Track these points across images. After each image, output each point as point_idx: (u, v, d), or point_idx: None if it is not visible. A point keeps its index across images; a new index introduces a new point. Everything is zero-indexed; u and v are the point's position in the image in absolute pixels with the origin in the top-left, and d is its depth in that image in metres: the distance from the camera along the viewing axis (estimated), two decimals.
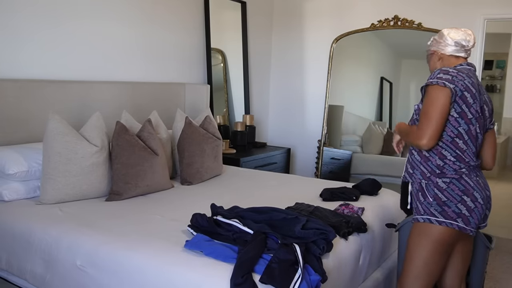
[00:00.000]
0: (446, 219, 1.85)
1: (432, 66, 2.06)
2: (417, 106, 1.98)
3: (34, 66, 2.76)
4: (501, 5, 3.84)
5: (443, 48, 2.00)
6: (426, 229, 1.89)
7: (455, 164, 1.86)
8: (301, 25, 4.78)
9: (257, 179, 3.13)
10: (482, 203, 1.88)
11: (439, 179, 1.87)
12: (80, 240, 1.92)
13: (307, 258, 1.70)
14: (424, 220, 1.89)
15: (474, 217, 1.86)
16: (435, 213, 1.86)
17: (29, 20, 2.71)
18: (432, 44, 2.05)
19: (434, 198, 1.87)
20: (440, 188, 1.86)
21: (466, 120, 1.84)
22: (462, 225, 1.85)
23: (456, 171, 1.86)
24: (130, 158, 2.52)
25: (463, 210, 1.84)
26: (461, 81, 1.83)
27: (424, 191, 1.91)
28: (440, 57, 2.02)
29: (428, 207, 1.88)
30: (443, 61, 2.01)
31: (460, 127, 1.85)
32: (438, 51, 2.02)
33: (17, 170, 2.35)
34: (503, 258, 3.54)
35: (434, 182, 1.88)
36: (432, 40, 2.06)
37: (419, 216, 1.92)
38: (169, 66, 3.74)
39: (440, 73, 1.85)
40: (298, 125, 4.81)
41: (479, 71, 4.00)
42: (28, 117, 2.65)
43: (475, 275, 2.21)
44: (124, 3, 3.28)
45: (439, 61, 2.02)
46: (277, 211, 2.03)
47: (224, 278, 1.55)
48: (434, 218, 1.86)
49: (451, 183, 1.86)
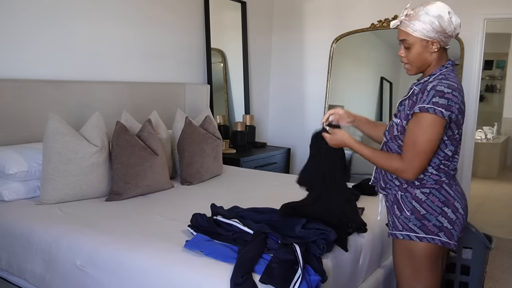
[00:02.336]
0: (427, 234, 1.66)
1: (421, 57, 1.64)
2: (398, 121, 1.68)
3: (34, 66, 2.76)
4: (501, 5, 3.84)
5: (444, 39, 1.61)
6: (407, 246, 1.71)
7: (437, 175, 1.67)
8: (301, 25, 4.77)
9: (257, 179, 3.13)
10: (463, 213, 1.69)
11: (417, 190, 1.68)
12: (80, 240, 1.92)
13: (307, 258, 1.69)
14: (404, 236, 1.71)
15: (457, 229, 1.67)
16: (415, 229, 1.68)
17: (29, 21, 2.71)
18: (431, 30, 1.58)
19: (412, 212, 1.68)
20: (419, 200, 1.67)
21: (453, 142, 1.65)
22: (445, 240, 1.66)
23: (437, 181, 1.67)
24: (130, 158, 2.52)
25: (444, 223, 1.65)
26: (457, 104, 1.56)
27: (399, 203, 1.72)
28: (438, 49, 1.63)
29: (406, 222, 1.70)
30: (439, 56, 1.65)
31: (447, 148, 1.65)
32: (439, 41, 1.61)
33: (17, 170, 2.35)
34: (503, 258, 3.54)
35: (412, 193, 1.69)
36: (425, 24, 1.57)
37: (397, 232, 1.73)
38: (169, 66, 3.74)
39: (435, 95, 1.54)
40: (298, 125, 4.81)
41: (479, 71, 4.01)
42: (28, 117, 2.65)
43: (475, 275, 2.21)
44: (124, 4, 3.28)
45: (435, 55, 1.64)
46: (277, 211, 2.03)
47: (224, 278, 1.55)
48: (414, 234, 1.68)
49: (431, 194, 1.66)
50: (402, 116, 1.68)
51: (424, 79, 1.68)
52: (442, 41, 1.62)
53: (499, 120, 7.69)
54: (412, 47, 1.63)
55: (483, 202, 5.38)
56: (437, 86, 1.56)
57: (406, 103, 1.69)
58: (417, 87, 1.68)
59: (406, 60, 1.68)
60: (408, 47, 1.64)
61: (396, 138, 1.70)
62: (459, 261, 2.21)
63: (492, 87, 8.12)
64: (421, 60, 1.66)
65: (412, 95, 1.68)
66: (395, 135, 1.71)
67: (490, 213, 4.94)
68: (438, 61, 1.67)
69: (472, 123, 4.04)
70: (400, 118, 1.69)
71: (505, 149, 7.49)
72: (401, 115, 1.69)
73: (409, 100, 1.68)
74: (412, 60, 1.66)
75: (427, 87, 1.59)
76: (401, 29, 1.64)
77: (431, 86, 1.58)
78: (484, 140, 6.99)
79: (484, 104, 7.55)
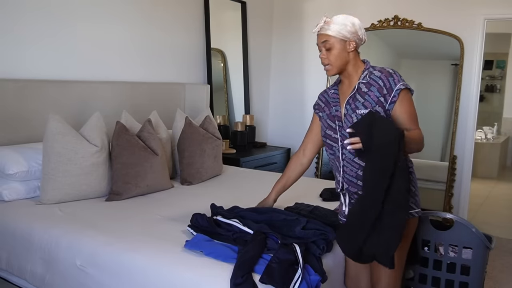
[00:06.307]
0: (418, 208, 1.83)
1: (341, 56, 1.80)
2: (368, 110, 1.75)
3: (34, 66, 2.76)
4: (501, 5, 3.84)
5: (358, 41, 1.81)
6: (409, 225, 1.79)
7: None
8: (301, 25, 4.77)
9: (257, 179, 3.14)
10: None
11: None
12: (80, 240, 1.92)
13: (307, 258, 1.70)
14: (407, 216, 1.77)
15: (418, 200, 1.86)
16: (412, 206, 1.80)
17: (30, 22, 2.71)
18: (347, 31, 1.78)
19: None
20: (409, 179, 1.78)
21: None
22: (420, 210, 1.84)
23: (411, 161, 1.86)
24: (130, 158, 2.52)
25: (418, 196, 1.85)
26: None
27: None
28: (354, 49, 1.81)
29: None
30: (355, 57, 1.83)
31: None
32: (357, 42, 1.81)
33: (17, 170, 2.35)
34: (503, 258, 3.54)
35: None
36: (341, 25, 1.78)
37: None
38: (169, 66, 3.74)
39: (397, 74, 1.78)
40: (298, 125, 4.81)
41: (479, 71, 4.01)
42: (28, 117, 2.65)
43: (475, 275, 2.21)
44: (124, 4, 3.28)
45: (352, 55, 1.81)
46: (277, 212, 2.03)
47: (224, 278, 1.55)
48: (413, 211, 1.80)
49: (412, 173, 1.83)
50: (372, 104, 1.76)
51: (364, 74, 1.81)
52: (356, 43, 1.81)
53: (499, 120, 7.69)
54: (332, 48, 1.80)
55: (483, 202, 5.38)
56: (388, 69, 1.80)
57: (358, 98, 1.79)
58: (363, 81, 1.80)
59: (327, 61, 1.83)
60: (329, 48, 1.81)
61: None
62: (459, 261, 2.21)
63: (492, 87, 8.12)
64: (341, 59, 1.81)
65: (359, 89, 1.80)
66: None
67: (490, 213, 4.94)
68: (355, 61, 1.84)
69: (472, 123, 4.04)
70: (370, 107, 1.77)
71: (505, 149, 7.49)
72: (367, 105, 1.77)
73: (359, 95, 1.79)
74: (333, 60, 1.81)
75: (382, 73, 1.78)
76: (322, 33, 1.82)
77: (386, 71, 1.78)
78: (484, 140, 6.99)
79: (484, 104, 7.55)
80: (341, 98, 1.88)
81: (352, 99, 1.81)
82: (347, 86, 1.86)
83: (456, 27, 3.98)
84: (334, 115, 1.87)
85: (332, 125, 1.87)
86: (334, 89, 1.93)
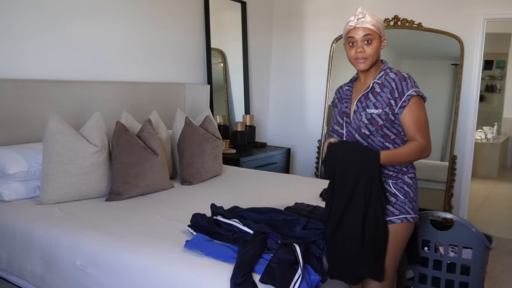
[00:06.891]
0: (415, 214, 1.84)
1: (377, 51, 1.82)
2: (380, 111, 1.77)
3: (34, 66, 2.76)
4: (501, 5, 3.84)
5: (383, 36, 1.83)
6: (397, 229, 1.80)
7: None
8: (301, 25, 4.77)
9: (257, 179, 3.13)
10: None
11: (405, 176, 1.84)
12: (80, 240, 1.92)
13: (307, 258, 1.70)
14: (401, 220, 1.80)
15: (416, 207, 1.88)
16: (409, 211, 1.82)
17: (30, 21, 2.71)
18: (383, 29, 1.83)
19: (405, 196, 1.82)
20: (409, 184, 1.83)
21: None
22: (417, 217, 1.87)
23: (414, 166, 1.89)
24: (130, 158, 2.52)
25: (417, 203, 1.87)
26: None
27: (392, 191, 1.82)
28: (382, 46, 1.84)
29: (403, 206, 1.81)
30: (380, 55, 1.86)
31: None
32: (384, 39, 1.84)
33: (17, 170, 2.35)
34: (503, 258, 3.54)
35: (402, 179, 1.83)
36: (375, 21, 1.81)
37: (393, 217, 1.80)
38: (169, 66, 3.74)
39: (411, 79, 1.79)
40: (298, 125, 4.81)
41: (479, 71, 4.01)
42: (28, 117, 2.65)
43: (475, 275, 2.21)
44: (124, 4, 3.28)
45: (380, 53, 1.85)
46: (277, 212, 2.03)
47: (224, 278, 1.55)
48: (409, 215, 1.82)
49: (414, 178, 1.86)
50: (383, 105, 1.78)
51: (380, 74, 1.83)
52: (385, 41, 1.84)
53: (499, 120, 7.68)
54: (373, 42, 1.79)
55: (483, 202, 5.38)
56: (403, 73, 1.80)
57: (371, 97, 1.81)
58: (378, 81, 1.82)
59: (366, 55, 1.80)
60: (370, 41, 1.79)
61: (382, 127, 1.79)
62: (459, 261, 2.21)
63: (492, 87, 8.12)
64: (377, 54, 1.82)
65: (372, 89, 1.81)
66: (380, 124, 1.78)
67: (490, 213, 4.94)
68: (378, 60, 1.87)
69: (472, 123, 4.04)
70: (380, 108, 1.78)
71: (505, 149, 7.48)
72: (378, 105, 1.78)
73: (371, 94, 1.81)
74: (372, 53, 1.80)
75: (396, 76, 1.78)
76: (365, 26, 1.80)
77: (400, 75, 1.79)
78: (484, 140, 6.99)
79: (484, 104, 7.55)
80: (353, 95, 1.90)
81: (364, 97, 1.83)
82: (362, 84, 1.89)
83: (456, 27, 3.98)
84: (344, 111, 1.90)
85: (340, 121, 1.90)
86: (349, 86, 1.96)
